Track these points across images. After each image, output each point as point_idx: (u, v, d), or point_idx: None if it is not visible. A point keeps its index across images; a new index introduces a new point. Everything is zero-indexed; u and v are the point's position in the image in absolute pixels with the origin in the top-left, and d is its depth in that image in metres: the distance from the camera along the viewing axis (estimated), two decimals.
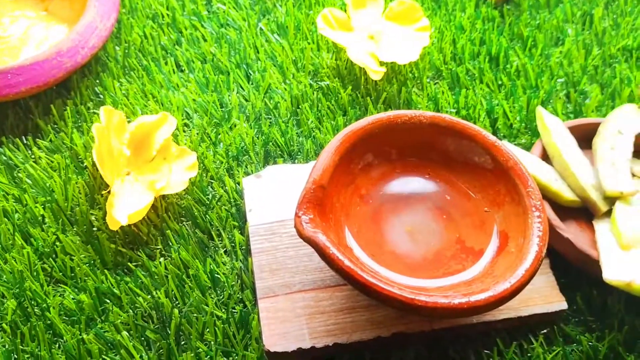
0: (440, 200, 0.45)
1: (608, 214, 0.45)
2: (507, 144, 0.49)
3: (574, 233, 0.45)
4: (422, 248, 0.42)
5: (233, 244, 0.47)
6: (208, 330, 0.43)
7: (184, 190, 0.50)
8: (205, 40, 0.61)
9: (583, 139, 0.50)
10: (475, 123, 0.54)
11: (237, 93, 0.56)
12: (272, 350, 0.40)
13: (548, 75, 0.58)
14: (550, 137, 0.48)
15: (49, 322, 0.43)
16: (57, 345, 0.42)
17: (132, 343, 0.42)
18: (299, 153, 0.52)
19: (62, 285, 0.45)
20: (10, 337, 0.43)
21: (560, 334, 0.43)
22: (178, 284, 0.44)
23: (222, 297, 0.44)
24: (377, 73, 0.55)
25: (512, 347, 0.42)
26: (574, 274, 0.45)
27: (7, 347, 0.42)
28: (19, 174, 0.51)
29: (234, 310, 0.44)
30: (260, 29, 0.62)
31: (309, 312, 0.42)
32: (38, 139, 0.53)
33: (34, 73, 0.52)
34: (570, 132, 0.50)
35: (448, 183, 0.45)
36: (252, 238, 0.45)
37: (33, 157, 0.52)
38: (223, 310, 0.44)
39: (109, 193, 0.46)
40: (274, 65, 0.59)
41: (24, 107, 0.55)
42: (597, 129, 0.50)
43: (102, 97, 0.56)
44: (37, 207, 0.48)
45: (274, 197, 0.48)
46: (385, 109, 0.55)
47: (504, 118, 0.55)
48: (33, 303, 0.44)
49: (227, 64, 0.58)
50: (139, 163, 0.49)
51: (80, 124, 0.54)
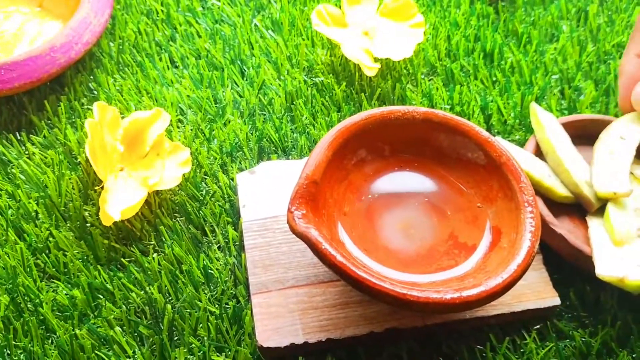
0: (434, 196, 0.45)
1: (601, 210, 0.46)
2: (500, 140, 0.49)
3: (567, 229, 0.45)
4: (415, 243, 0.42)
5: (226, 240, 0.47)
6: (201, 326, 0.43)
7: (178, 186, 0.49)
8: (200, 37, 0.61)
9: (577, 135, 0.50)
10: (470, 119, 0.54)
11: (231, 89, 0.56)
12: (265, 346, 0.40)
13: (542, 72, 0.58)
14: (544, 133, 0.48)
15: (42, 317, 0.43)
16: (49, 341, 0.42)
17: (125, 338, 0.42)
18: (293, 149, 0.52)
19: (55, 281, 0.45)
20: (3, 332, 0.42)
21: (553, 330, 0.43)
22: (171, 280, 0.44)
23: (215, 292, 0.44)
24: (371, 69, 0.55)
25: (505, 342, 0.42)
26: (567, 270, 0.45)
27: None
28: (13, 170, 0.51)
29: (227, 306, 0.44)
30: (255, 25, 0.62)
31: (302, 307, 0.42)
32: (32, 135, 0.53)
33: (28, 69, 0.52)
34: (564, 128, 0.50)
35: (441, 179, 0.45)
36: (245, 234, 0.45)
37: (27, 152, 0.52)
38: (216, 306, 0.44)
39: (102, 189, 0.46)
40: (269, 62, 0.59)
41: (18, 103, 0.55)
42: (590, 125, 0.50)
43: (96, 93, 0.56)
44: (30, 202, 0.48)
45: (268, 193, 0.48)
46: (380, 105, 0.55)
47: (498, 114, 0.55)
48: (26, 298, 0.44)
49: (221, 60, 0.58)
50: (133, 159, 0.49)
51: (74, 120, 0.54)
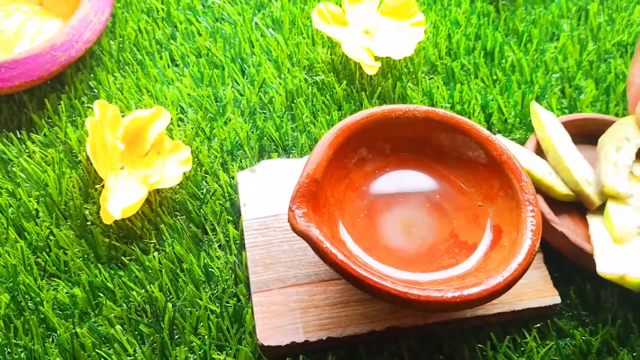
0: (434, 195, 0.45)
1: (601, 208, 0.46)
2: (501, 139, 0.49)
3: (568, 227, 0.45)
4: (415, 242, 0.42)
5: (227, 239, 0.47)
6: (202, 324, 0.43)
7: (178, 185, 0.49)
8: (200, 35, 0.61)
9: (577, 134, 0.50)
10: (470, 118, 0.54)
11: (231, 87, 0.56)
12: (265, 344, 0.40)
13: (543, 71, 0.58)
14: (545, 131, 0.48)
15: (43, 316, 0.43)
16: (50, 339, 0.42)
17: (125, 337, 0.42)
18: (294, 148, 0.52)
19: (55, 279, 0.45)
20: (4, 331, 0.42)
21: (554, 328, 0.43)
22: (172, 278, 0.44)
23: (216, 291, 0.44)
24: (372, 68, 0.55)
25: (505, 341, 0.42)
26: (568, 268, 0.45)
27: (0, 341, 0.42)
28: (13, 168, 0.51)
29: (228, 305, 0.44)
30: (256, 24, 0.62)
31: (303, 306, 0.42)
32: (32, 133, 0.53)
33: (28, 67, 0.52)
34: (565, 127, 0.50)
35: (442, 177, 0.45)
36: (246, 232, 0.45)
37: (27, 151, 0.52)
38: (217, 305, 0.44)
39: (103, 187, 0.46)
40: (269, 60, 0.59)
41: (18, 101, 0.55)
42: (591, 124, 0.50)
43: (96, 91, 0.56)
44: (30, 201, 0.48)
45: (268, 191, 0.48)
46: (380, 104, 0.55)
47: (499, 113, 0.55)
48: (27, 297, 0.44)
49: (222, 59, 0.58)
50: (133, 157, 0.49)
51: (75, 118, 0.54)
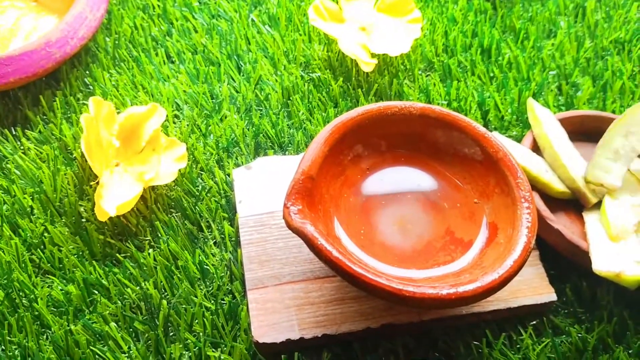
0: (430, 192, 0.44)
1: (598, 206, 0.45)
2: (497, 136, 0.49)
3: (564, 224, 0.45)
4: (411, 239, 0.42)
5: (222, 236, 0.47)
6: (197, 322, 0.43)
7: (174, 182, 0.49)
8: (196, 32, 0.61)
9: (574, 131, 0.50)
10: (467, 115, 0.54)
11: (227, 84, 0.56)
12: (261, 341, 0.40)
13: (540, 68, 0.58)
14: (541, 128, 0.48)
15: (37, 313, 0.43)
16: (44, 336, 0.42)
17: (120, 334, 0.42)
18: (290, 145, 0.52)
19: (50, 276, 0.45)
20: None
21: (550, 326, 0.43)
22: (167, 275, 0.44)
23: (211, 288, 0.44)
24: (368, 65, 0.55)
25: (501, 338, 0.42)
26: (564, 266, 0.45)
27: None
28: (8, 165, 0.50)
29: (223, 302, 0.44)
30: (252, 20, 0.62)
31: (298, 303, 0.42)
32: (27, 130, 0.53)
33: (23, 63, 0.52)
34: (561, 124, 0.49)
35: (438, 174, 0.45)
36: (241, 229, 0.45)
37: (22, 148, 0.52)
38: (212, 302, 0.43)
39: (98, 184, 0.46)
40: (265, 57, 0.58)
41: (13, 97, 0.55)
42: (587, 121, 0.50)
43: (91, 88, 0.56)
44: (25, 198, 0.48)
45: (264, 188, 0.47)
46: (377, 101, 0.55)
47: (496, 110, 0.55)
48: (21, 294, 0.44)
49: (218, 55, 0.58)
50: (128, 154, 0.49)
51: (70, 115, 0.54)
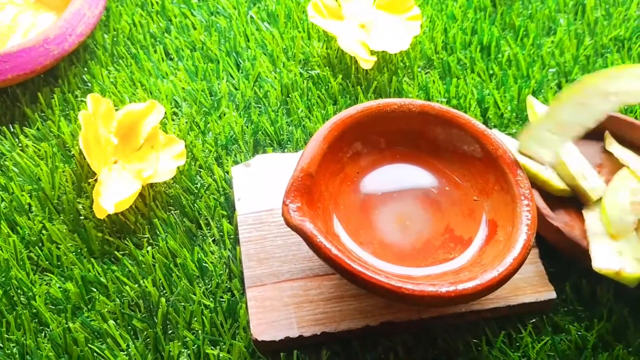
0: (430, 189, 0.44)
1: (598, 203, 0.45)
2: (497, 133, 0.49)
3: (564, 222, 0.45)
4: (410, 237, 0.42)
5: (221, 233, 0.47)
6: (195, 319, 0.42)
7: (172, 179, 0.49)
8: (195, 29, 0.60)
9: None
10: (466, 112, 0.54)
11: (226, 81, 0.56)
12: (259, 339, 0.40)
13: (539, 65, 0.58)
14: None
15: (35, 310, 0.43)
16: (43, 334, 0.42)
17: (118, 332, 0.42)
18: (289, 142, 0.52)
19: (48, 274, 0.45)
20: None
21: (549, 324, 0.43)
22: (165, 273, 0.44)
23: (210, 286, 0.44)
24: (367, 62, 0.55)
25: (500, 336, 0.42)
26: (563, 264, 0.45)
27: None
28: (6, 162, 0.50)
29: (222, 299, 0.43)
30: (251, 17, 0.61)
31: (297, 301, 0.42)
32: (25, 127, 0.53)
33: (21, 60, 0.52)
34: None
35: (437, 172, 0.45)
36: (240, 227, 0.45)
37: (20, 145, 0.52)
38: (211, 299, 0.43)
39: (96, 181, 0.46)
40: (264, 54, 0.58)
41: (11, 94, 0.55)
42: None
43: (90, 85, 0.56)
44: (23, 195, 0.48)
45: (263, 186, 0.47)
46: (376, 98, 0.55)
47: (495, 107, 0.54)
48: (19, 292, 0.44)
49: (216, 52, 0.58)
50: (127, 151, 0.49)
51: (68, 112, 0.54)
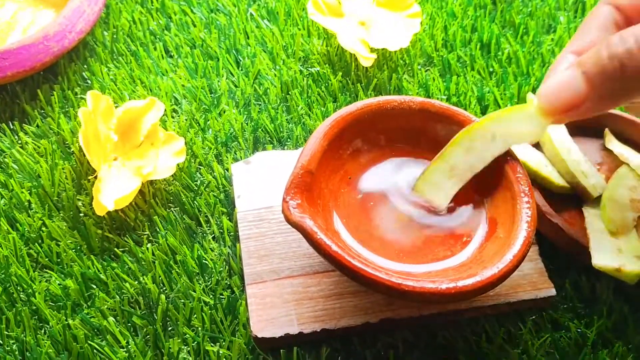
0: None
1: (598, 200, 0.45)
2: None
3: (564, 219, 0.45)
4: (411, 234, 0.42)
5: (221, 230, 0.47)
6: (195, 316, 0.42)
7: (172, 176, 0.49)
8: (195, 26, 0.60)
9: (573, 126, 0.50)
10: (466, 110, 0.54)
11: (226, 79, 0.56)
12: (259, 336, 0.40)
13: (539, 63, 0.58)
14: None
15: (35, 307, 0.43)
16: (42, 331, 0.42)
17: (118, 329, 0.42)
18: (289, 139, 0.52)
19: (48, 271, 0.45)
20: None
21: (549, 320, 0.43)
22: (165, 270, 0.44)
23: (209, 283, 0.44)
24: (367, 59, 0.55)
25: (500, 333, 0.42)
26: (563, 261, 0.45)
27: None
28: (5, 159, 0.50)
29: (222, 296, 0.43)
30: (251, 15, 0.61)
31: (297, 298, 0.42)
32: (25, 124, 0.53)
33: (21, 57, 0.51)
34: None
35: None
36: (240, 224, 0.45)
37: (19, 142, 0.52)
38: (210, 296, 0.43)
39: (96, 178, 0.46)
40: (264, 51, 0.58)
41: (11, 92, 0.55)
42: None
43: (89, 82, 0.56)
44: (23, 192, 0.48)
45: (263, 183, 0.47)
46: (376, 96, 0.55)
47: (495, 105, 0.54)
48: (19, 288, 0.44)
49: (216, 50, 0.58)
50: (126, 148, 0.49)
51: (68, 109, 0.54)
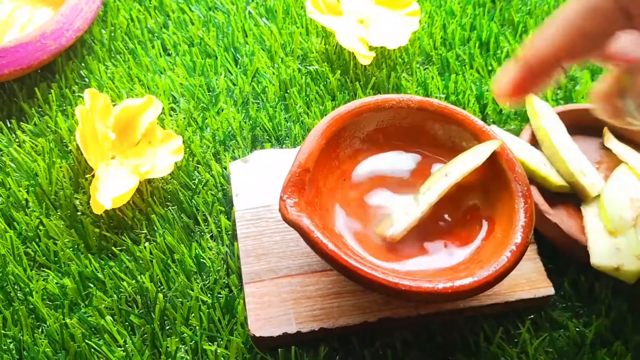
0: None
1: (596, 200, 0.45)
2: (495, 129, 0.49)
3: (562, 218, 0.45)
4: (409, 233, 0.42)
5: (219, 229, 0.47)
6: (193, 315, 0.42)
7: (170, 175, 0.49)
8: (193, 24, 0.60)
9: (572, 125, 0.50)
10: (465, 109, 0.54)
11: (224, 77, 0.56)
12: (257, 335, 0.40)
13: None
14: (540, 122, 0.48)
15: (32, 306, 0.42)
16: (40, 330, 0.42)
17: (115, 328, 0.42)
18: (287, 138, 0.52)
19: (45, 270, 0.45)
20: None
21: (548, 320, 0.43)
22: (163, 269, 0.44)
23: (207, 282, 0.44)
24: (366, 58, 0.54)
25: (498, 332, 0.42)
26: (562, 260, 0.45)
27: None
28: (3, 158, 0.50)
29: (220, 295, 0.43)
30: (249, 13, 0.61)
31: (295, 297, 0.42)
32: (22, 123, 0.52)
33: (18, 55, 0.51)
34: (560, 117, 0.49)
35: (436, 167, 0.45)
36: (238, 223, 0.45)
37: (17, 140, 0.51)
38: (208, 295, 0.43)
39: (93, 177, 0.46)
40: (262, 49, 0.58)
41: (8, 90, 0.55)
42: (586, 115, 0.50)
43: (87, 80, 0.55)
44: (20, 190, 0.48)
45: (261, 182, 0.47)
46: (374, 94, 0.55)
47: (494, 104, 0.54)
48: (16, 287, 0.44)
49: (214, 48, 0.58)
50: (124, 147, 0.49)
51: (65, 108, 0.53)
